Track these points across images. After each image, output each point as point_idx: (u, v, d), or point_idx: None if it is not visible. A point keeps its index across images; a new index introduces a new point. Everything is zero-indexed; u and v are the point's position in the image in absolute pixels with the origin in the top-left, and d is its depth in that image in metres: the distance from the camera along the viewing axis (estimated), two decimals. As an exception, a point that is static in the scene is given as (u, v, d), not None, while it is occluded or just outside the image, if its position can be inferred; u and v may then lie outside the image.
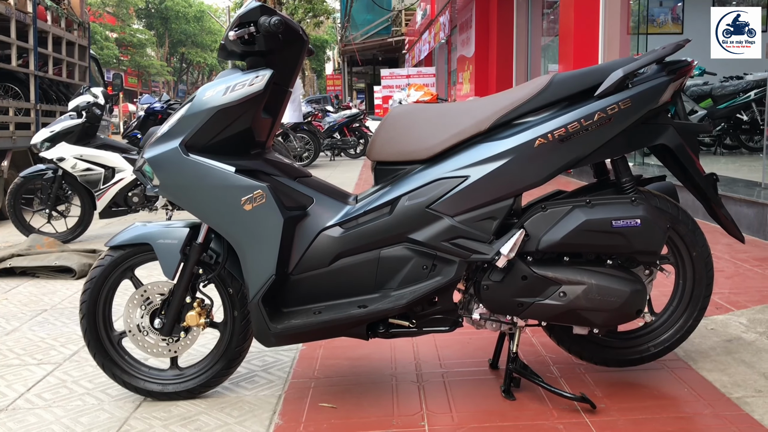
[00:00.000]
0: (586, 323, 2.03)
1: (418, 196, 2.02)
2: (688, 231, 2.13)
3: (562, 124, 1.97)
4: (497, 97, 2.08)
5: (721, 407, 2.00)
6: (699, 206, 2.21)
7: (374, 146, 2.12)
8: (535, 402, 2.08)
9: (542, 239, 1.98)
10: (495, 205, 2.00)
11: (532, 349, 2.52)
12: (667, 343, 2.22)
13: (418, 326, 2.08)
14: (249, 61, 2.07)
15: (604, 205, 1.98)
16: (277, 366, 2.48)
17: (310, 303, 2.07)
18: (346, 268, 2.06)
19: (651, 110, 1.99)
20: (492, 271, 2.01)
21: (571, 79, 2.02)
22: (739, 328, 2.61)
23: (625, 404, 2.05)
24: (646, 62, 1.98)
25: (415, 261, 2.03)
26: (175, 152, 2.00)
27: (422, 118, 2.10)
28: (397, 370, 2.39)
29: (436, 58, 22.37)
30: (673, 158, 2.10)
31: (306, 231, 2.07)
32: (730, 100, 8.30)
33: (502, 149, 1.99)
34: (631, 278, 2.00)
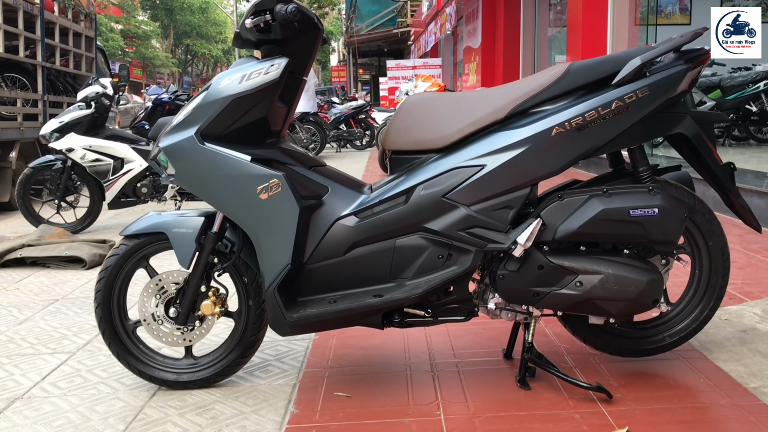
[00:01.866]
0: (602, 313, 2.03)
1: (434, 185, 2.01)
2: (705, 220, 2.12)
3: (580, 112, 1.95)
4: (514, 85, 2.07)
5: (737, 397, 1.99)
6: (710, 195, 2.20)
7: (389, 135, 2.11)
8: (550, 392, 2.08)
9: (559, 228, 1.97)
10: (511, 194, 2.00)
11: (546, 339, 2.52)
12: (683, 333, 2.21)
13: (434, 316, 2.07)
14: (264, 49, 2.06)
15: (621, 195, 1.97)
16: (291, 355, 2.49)
17: (325, 292, 2.07)
18: (361, 257, 2.05)
19: (668, 99, 1.98)
20: (508, 261, 2.00)
21: (589, 68, 2.00)
22: (753, 319, 2.60)
23: (641, 394, 2.04)
24: (663, 51, 1.97)
25: (431, 250, 2.03)
26: (191, 141, 2.00)
27: (438, 106, 2.09)
28: (411, 359, 2.39)
29: (442, 50, 22.29)
30: (690, 147, 2.08)
31: (321, 220, 2.06)
32: (739, 91, 8.26)
33: (518, 138, 1.98)
34: (648, 268, 1.99)
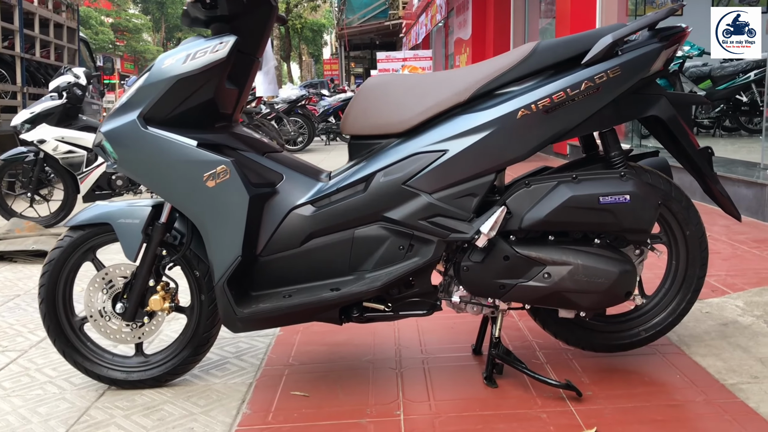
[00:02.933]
0: (571, 306, 1.92)
1: (393, 172, 1.90)
2: (682, 208, 2.01)
3: (547, 93, 1.84)
4: (478, 66, 1.95)
5: (714, 394, 1.88)
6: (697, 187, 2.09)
7: (348, 119, 2.00)
8: (518, 389, 1.97)
9: (525, 217, 1.86)
10: (475, 181, 1.88)
11: (518, 333, 2.41)
12: (659, 327, 2.10)
13: (394, 310, 1.96)
14: (214, 27, 1.94)
15: (591, 181, 1.86)
16: (251, 352, 2.37)
17: (280, 286, 1.95)
18: (318, 248, 1.94)
19: (642, 79, 1.86)
20: (472, 252, 1.89)
21: (557, 46, 1.89)
22: (735, 312, 2.49)
23: (613, 391, 1.93)
24: (636, 28, 1.85)
25: (391, 241, 1.91)
26: (133, 125, 1.87)
27: (398, 88, 1.97)
28: (376, 356, 2.28)
29: (434, 42, 22.14)
30: (666, 131, 1.97)
31: (275, 209, 1.94)
32: (730, 81, 8.15)
33: (482, 121, 1.87)
34: (620, 258, 1.88)
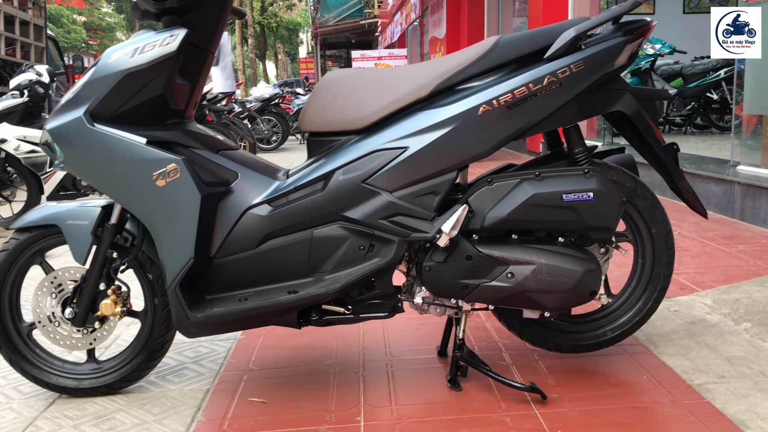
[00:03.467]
0: (536, 306, 1.87)
1: (353, 170, 1.84)
2: (647, 205, 1.97)
3: (509, 89, 1.79)
4: (439, 60, 1.90)
5: (680, 395, 1.85)
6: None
7: (306, 115, 1.93)
8: (482, 392, 1.92)
9: (488, 215, 1.81)
10: (437, 178, 1.83)
11: (485, 333, 2.36)
12: (626, 327, 2.06)
13: (355, 312, 1.90)
14: (165, 20, 1.86)
15: (554, 178, 1.81)
16: (211, 357, 2.30)
17: (235, 289, 1.88)
18: (275, 250, 1.87)
19: (606, 74, 1.82)
20: (434, 251, 1.84)
21: (519, 40, 1.84)
22: (703, 310, 2.47)
23: (579, 393, 1.89)
24: (600, 21, 1.81)
25: (351, 241, 1.85)
26: (79, 122, 1.79)
27: (357, 83, 1.91)
28: (340, 359, 2.22)
29: (409, 40, 22.11)
30: (631, 127, 1.93)
31: (230, 209, 1.87)
32: (701, 79, 8.20)
33: (443, 117, 1.81)
34: (585, 257, 1.84)
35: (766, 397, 1.79)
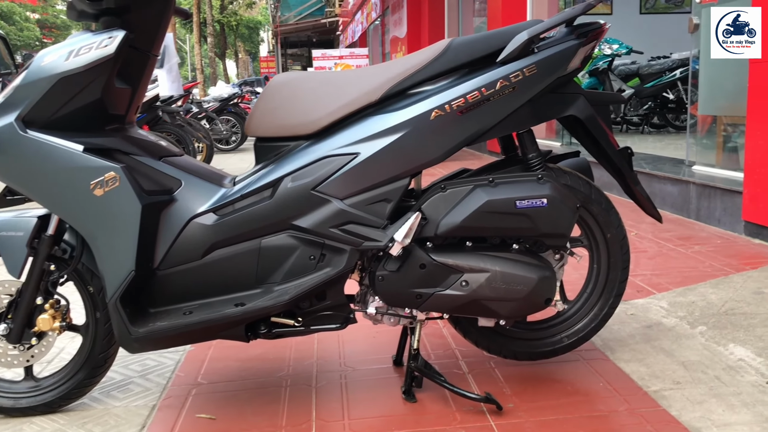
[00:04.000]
0: (490, 314, 1.84)
1: (302, 177, 1.78)
2: (602, 211, 1.95)
3: (461, 93, 1.75)
4: (390, 64, 1.85)
5: (637, 403, 1.83)
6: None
7: (253, 120, 1.86)
8: (437, 404, 1.88)
9: (441, 223, 1.77)
10: (389, 185, 1.78)
11: (441, 341, 2.32)
12: (582, 333, 2.04)
13: (305, 324, 1.84)
14: (103, 21, 1.77)
15: (507, 184, 1.77)
16: (158, 371, 2.21)
17: (180, 302, 1.81)
18: (221, 260, 1.80)
19: (559, 78, 1.79)
20: (387, 260, 1.79)
21: (472, 43, 1.80)
22: (659, 313, 2.46)
23: (535, 403, 1.86)
24: (553, 24, 1.78)
25: (301, 251, 1.79)
26: (10, 128, 1.70)
27: (306, 87, 1.85)
28: (292, 371, 2.15)
29: (371, 39, 22.07)
30: (585, 131, 1.91)
31: (173, 219, 1.80)
32: (657, 79, 8.33)
33: (395, 122, 1.76)
34: (539, 264, 1.81)
35: (720, 403, 1.78)
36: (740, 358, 2.01)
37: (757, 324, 2.20)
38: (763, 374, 1.91)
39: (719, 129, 4.59)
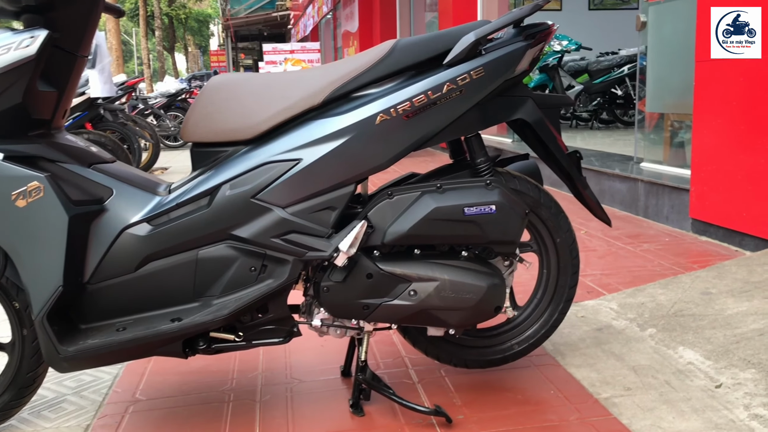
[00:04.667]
0: (439, 324, 1.78)
1: (241, 184, 1.69)
2: (551, 215, 1.91)
3: (407, 97, 1.69)
4: (333, 65, 1.77)
5: (588, 411, 1.80)
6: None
7: (189, 124, 1.77)
8: (386, 417, 1.82)
9: (388, 231, 1.71)
10: (333, 192, 1.70)
11: (391, 348, 2.26)
12: (532, 340, 2.00)
13: (247, 339, 1.76)
14: (25, 20, 1.66)
15: (455, 190, 1.72)
16: (94, 387, 2.10)
17: (113, 317, 1.71)
18: (156, 273, 1.70)
19: (507, 80, 1.74)
20: (332, 270, 1.72)
21: (417, 45, 1.74)
22: (609, 315, 2.45)
23: (485, 413, 1.81)
24: (500, 25, 1.73)
25: (241, 262, 1.71)
26: None
27: (245, 90, 1.76)
28: (236, 384, 2.07)
29: (322, 34, 21.90)
30: (534, 134, 1.87)
31: (104, 230, 1.69)
32: (606, 75, 8.42)
33: (338, 127, 1.69)
34: (489, 271, 1.76)
35: (670, 410, 1.76)
36: (689, 362, 2.01)
37: (706, 326, 2.20)
38: (711, 378, 1.90)
39: (666, 125, 4.63)
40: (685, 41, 3.96)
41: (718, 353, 2.02)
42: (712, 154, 3.46)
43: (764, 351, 1.97)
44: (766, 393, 1.77)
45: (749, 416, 1.69)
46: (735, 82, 3.27)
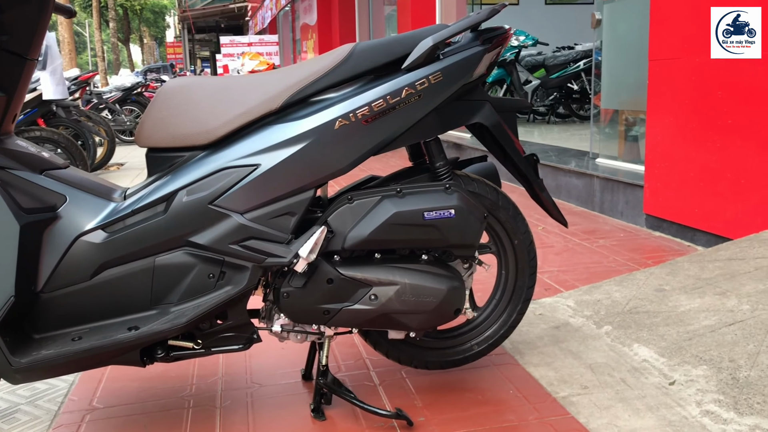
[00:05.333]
0: (400, 327, 1.79)
1: (198, 190, 1.67)
2: (509, 217, 1.93)
3: (366, 101, 1.68)
4: (291, 69, 1.76)
5: (546, 410, 1.83)
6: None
7: (143, 129, 1.74)
8: (347, 421, 1.82)
9: (349, 236, 1.71)
10: (292, 198, 1.70)
11: (352, 350, 2.27)
12: (492, 340, 2.03)
13: (206, 347, 1.74)
14: (-30, 22, 1.61)
15: (415, 195, 1.73)
16: (49, 395, 2.06)
17: (68, 327, 1.67)
18: (112, 281, 1.67)
19: (465, 84, 1.75)
20: (292, 276, 1.71)
21: (376, 49, 1.73)
22: (566, 312, 2.49)
23: (446, 415, 1.83)
24: (457, 30, 1.73)
25: (199, 269, 1.69)
26: None
27: (202, 93, 1.74)
28: (196, 390, 2.05)
29: (281, 26, 21.71)
30: (492, 138, 1.88)
31: (58, 238, 1.66)
32: (562, 70, 8.53)
33: (297, 132, 1.68)
34: (448, 275, 1.78)
35: (626, 408, 1.80)
36: (644, 359, 2.05)
37: (659, 323, 2.25)
38: (665, 375, 1.95)
39: (621, 121, 4.72)
40: (639, 40, 4.04)
41: (672, 350, 2.07)
42: (665, 152, 3.54)
43: (715, 347, 2.02)
44: (716, 389, 1.83)
45: (701, 413, 1.74)
46: (687, 81, 3.35)
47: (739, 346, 2.00)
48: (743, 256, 2.66)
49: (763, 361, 1.89)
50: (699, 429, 1.68)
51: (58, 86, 5.33)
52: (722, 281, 2.47)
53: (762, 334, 2.03)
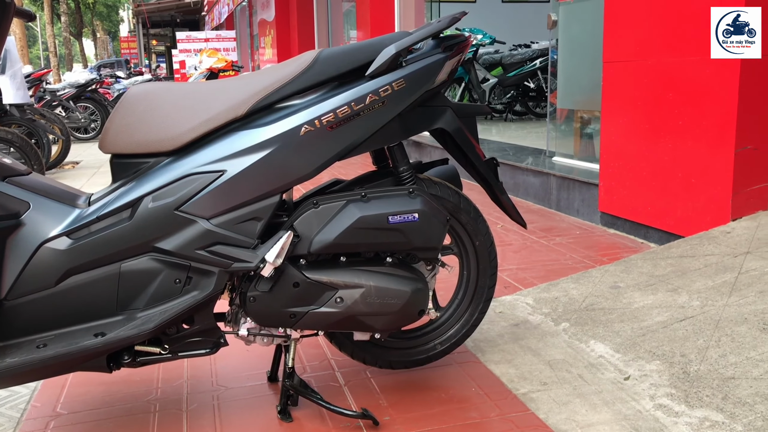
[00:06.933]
0: (366, 329, 1.83)
1: (164, 196, 1.68)
2: (470, 219, 1.99)
3: (331, 108, 1.71)
4: (256, 75, 1.78)
5: (507, 407, 1.89)
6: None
7: (108, 135, 1.74)
8: (314, 422, 1.85)
9: (314, 240, 1.74)
10: (258, 203, 1.72)
11: (317, 351, 2.30)
12: (454, 339, 2.08)
13: (172, 351, 1.75)
14: (-72, 28, 1.59)
15: (379, 199, 1.77)
16: (12, 402, 2.04)
17: (33, 334, 1.67)
18: (78, 287, 1.67)
19: (427, 91, 1.79)
20: (259, 281, 1.73)
21: (340, 56, 1.77)
22: (525, 310, 2.56)
23: (411, 413, 1.88)
24: (419, 37, 1.77)
25: (165, 274, 1.70)
26: None
27: (167, 99, 1.75)
28: (162, 393, 2.06)
29: (238, 22, 21.49)
30: (453, 142, 1.93)
31: (21, 245, 1.65)
32: (519, 69, 8.66)
33: (262, 138, 1.70)
34: (412, 276, 1.82)
35: (584, 403, 1.87)
36: (600, 355, 2.13)
37: (615, 319, 2.34)
38: (620, 370, 2.03)
39: (577, 119, 4.83)
40: (593, 42, 4.14)
41: (627, 346, 2.15)
42: (619, 151, 3.64)
43: (667, 343, 2.11)
44: (669, 383, 1.91)
45: (654, 406, 1.82)
46: (640, 83, 3.45)
47: (689, 341, 2.09)
48: (693, 253, 2.76)
49: (712, 356, 1.99)
50: (652, 422, 1.76)
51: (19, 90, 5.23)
52: (674, 278, 2.57)
53: (711, 329, 2.12)
